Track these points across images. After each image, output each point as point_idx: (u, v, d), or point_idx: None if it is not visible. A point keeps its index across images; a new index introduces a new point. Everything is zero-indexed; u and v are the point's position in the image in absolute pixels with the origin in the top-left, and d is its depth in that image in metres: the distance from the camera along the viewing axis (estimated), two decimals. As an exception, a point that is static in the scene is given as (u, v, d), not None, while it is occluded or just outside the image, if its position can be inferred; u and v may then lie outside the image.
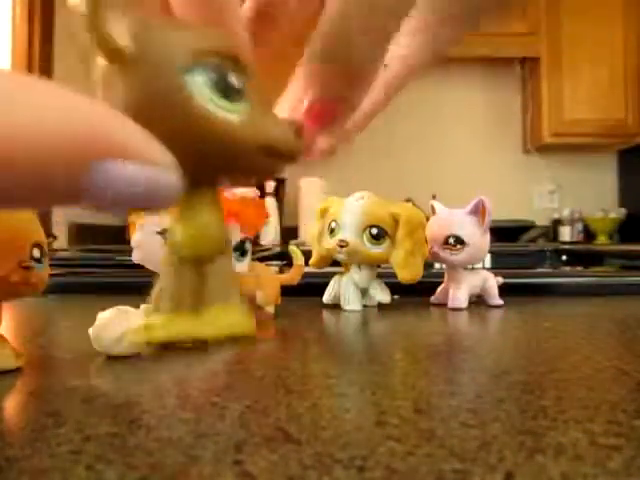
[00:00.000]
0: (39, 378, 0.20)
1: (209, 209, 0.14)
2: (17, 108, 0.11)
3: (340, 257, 0.41)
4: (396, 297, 0.44)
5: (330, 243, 0.41)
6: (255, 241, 0.29)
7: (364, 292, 0.42)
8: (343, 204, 0.41)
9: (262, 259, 0.65)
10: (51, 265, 0.23)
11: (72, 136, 0.12)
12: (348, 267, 0.42)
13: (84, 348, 0.26)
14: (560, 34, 2.16)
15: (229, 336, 0.14)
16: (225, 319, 0.14)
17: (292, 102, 0.18)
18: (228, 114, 0.13)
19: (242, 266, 0.28)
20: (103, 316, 0.24)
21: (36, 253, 0.21)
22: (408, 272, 0.39)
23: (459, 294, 0.42)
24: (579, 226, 2.55)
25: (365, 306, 0.41)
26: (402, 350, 0.28)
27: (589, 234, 2.51)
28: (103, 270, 0.68)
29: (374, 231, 0.40)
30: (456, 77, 2.34)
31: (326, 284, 0.42)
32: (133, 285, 0.54)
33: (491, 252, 0.75)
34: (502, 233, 1.85)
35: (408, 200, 1.65)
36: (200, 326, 0.14)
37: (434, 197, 1.59)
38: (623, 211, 2.49)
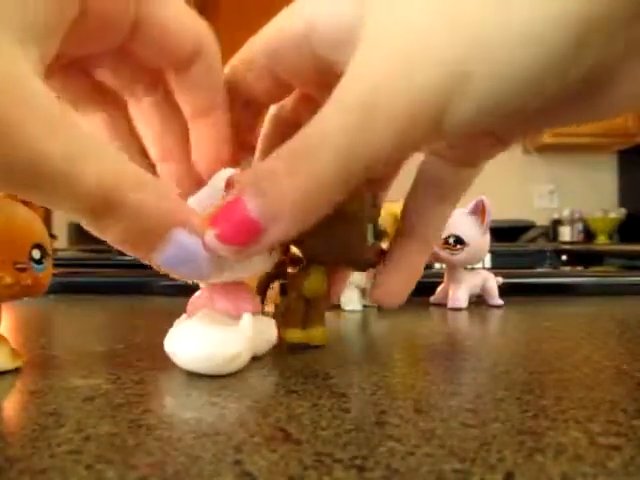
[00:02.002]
0: (39, 378, 0.20)
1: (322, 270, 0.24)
2: None
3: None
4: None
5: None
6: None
7: (364, 292, 0.42)
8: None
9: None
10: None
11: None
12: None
13: (84, 348, 0.26)
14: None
15: (318, 343, 0.25)
16: (319, 333, 0.25)
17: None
18: None
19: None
20: (190, 330, 0.21)
21: (36, 254, 0.21)
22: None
23: (459, 294, 0.42)
24: (579, 226, 2.55)
25: (365, 306, 0.41)
26: (402, 350, 0.28)
27: (589, 234, 2.51)
28: (103, 270, 0.68)
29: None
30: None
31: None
32: (133, 285, 0.54)
33: (491, 252, 0.75)
34: (502, 233, 1.85)
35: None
36: (312, 336, 0.25)
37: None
38: (623, 211, 2.49)
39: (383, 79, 0.15)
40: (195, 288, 0.24)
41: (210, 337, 0.21)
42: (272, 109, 0.23)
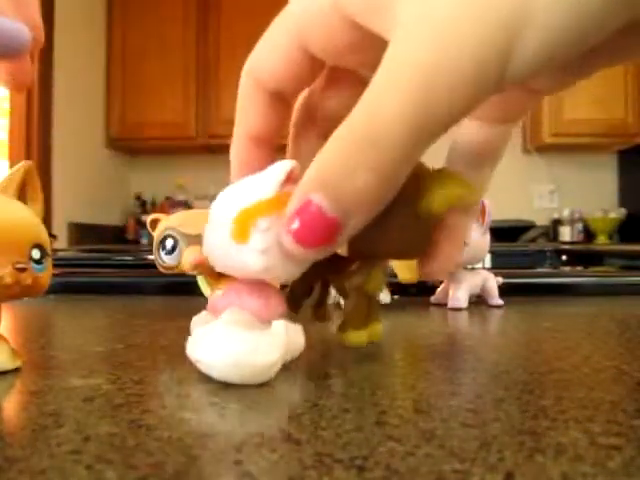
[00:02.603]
0: (39, 378, 0.20)
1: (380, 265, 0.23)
2: None
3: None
4: (396, 297, 0.44)
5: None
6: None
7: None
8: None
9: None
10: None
11: None
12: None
13: (84, 348, 0.26)
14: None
15: (378, 338, 0.24)
16: (378, 327, 0.24)
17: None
18: None
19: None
20: (218, 335, 0.19)
21: (36, 254, 0.21)
22: (408, 272, 0.39)
23: (459, 294, 0.42)
24: (579, 226, 2.55)
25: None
26: (402, 350, 0.28)
27: (589, 234, 2.51)
28: (103, 270, 0.68)
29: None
30: (456, 77, 2.34)
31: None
32: (133, 285, 0.54)
33: (491, 252, 0.75)
34: (502, 233, 1.85)
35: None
36: (374, 333, 0.24)
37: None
38: (623, 211, 2.49)
39: (444, 34, 0.13)
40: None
41: (244, 343, 0.19)
42: (300, 97, 0.22)
